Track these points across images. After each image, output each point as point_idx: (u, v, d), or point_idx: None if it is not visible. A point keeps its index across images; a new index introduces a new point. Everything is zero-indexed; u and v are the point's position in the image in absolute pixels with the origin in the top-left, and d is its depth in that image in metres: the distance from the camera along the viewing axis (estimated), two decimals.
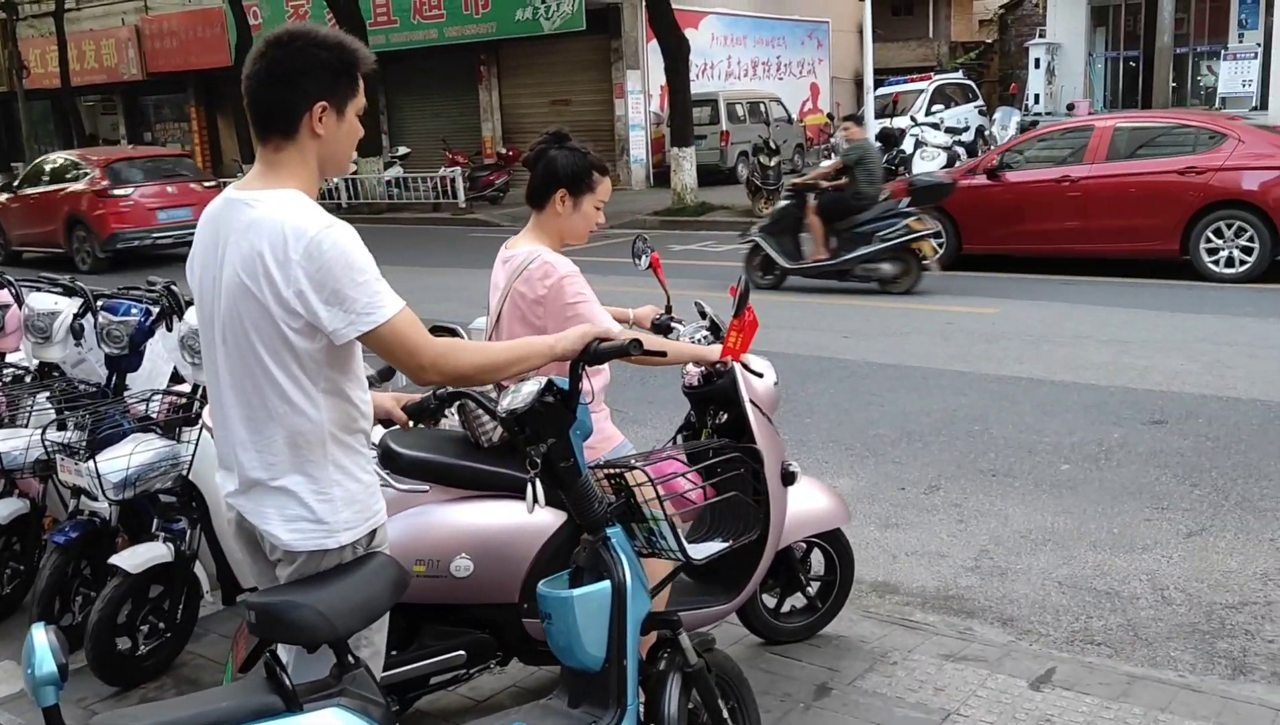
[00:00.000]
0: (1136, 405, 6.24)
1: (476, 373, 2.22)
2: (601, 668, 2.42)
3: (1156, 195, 9.80)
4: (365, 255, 2.06)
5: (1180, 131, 10.25)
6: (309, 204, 2.10)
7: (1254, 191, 9.40)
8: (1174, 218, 9.72)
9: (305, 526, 2.17)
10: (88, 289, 4.24)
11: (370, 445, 2.57)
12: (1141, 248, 10.07)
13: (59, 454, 3.45)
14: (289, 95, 2.10)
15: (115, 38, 29.36)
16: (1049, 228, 10.39)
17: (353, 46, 2.15)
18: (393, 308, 2.06)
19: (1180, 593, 4.02)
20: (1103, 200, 10.06)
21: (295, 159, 2.14)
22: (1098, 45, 23.99)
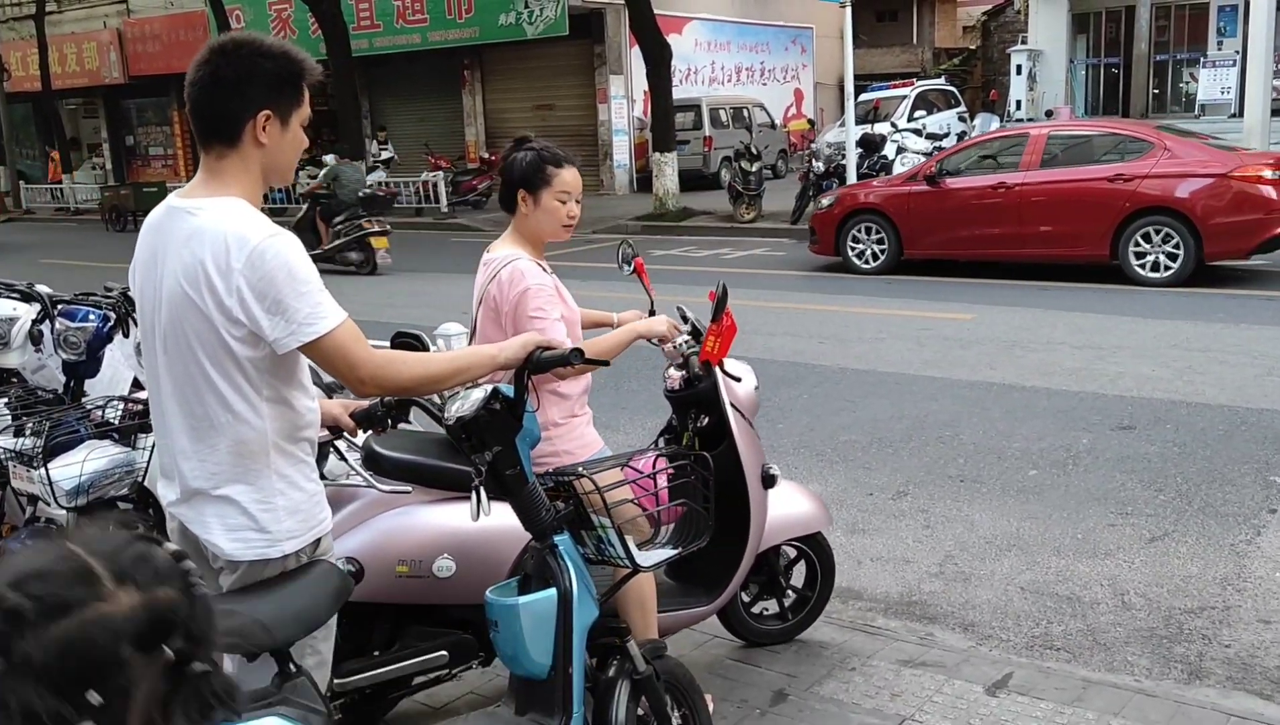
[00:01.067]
0: (1106, 411, 6.27)
1: (415, 385, 2.22)
2: (548, 675, 2.42)
3: (1087, 202, 10.08)
4: (308, 266, 2.07)
5: (1110, 140, 10.59)
6: (252, 212, 2.09)
7: (1180, 199, 9.69)
8: (1103, 224, 9.98)
9: (248, 535, 2.16)
10: (45, 294, 4.22)
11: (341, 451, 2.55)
12: (1073, 253, 10.33)
13: (11, 460, 3.42)
14: (233, 103, 2.09)
15: (97, 41, 29.21)
16: (986, 233, 10.68)
17: (298, 57, 2.15)
18: (334, 320, 2.05)
19: (1140, 598, 4.04)
20: (1036, 206, 10.31)
21: (238, 166, 2.13)
22: (1079, 52, 24.15)
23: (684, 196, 17.68)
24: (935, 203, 10.94)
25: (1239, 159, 9.93)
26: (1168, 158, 9.83)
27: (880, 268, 11.29)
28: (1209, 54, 21.24)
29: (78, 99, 31.45)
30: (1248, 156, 10.14)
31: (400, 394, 2.28)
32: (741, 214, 15.95)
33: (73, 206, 26.47)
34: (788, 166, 23.67)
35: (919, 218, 11.02)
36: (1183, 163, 9.80)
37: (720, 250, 14.20)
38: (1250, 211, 9.51)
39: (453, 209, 19.72)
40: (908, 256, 11.25)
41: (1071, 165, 10.44)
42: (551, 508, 2.43)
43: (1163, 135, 10.24)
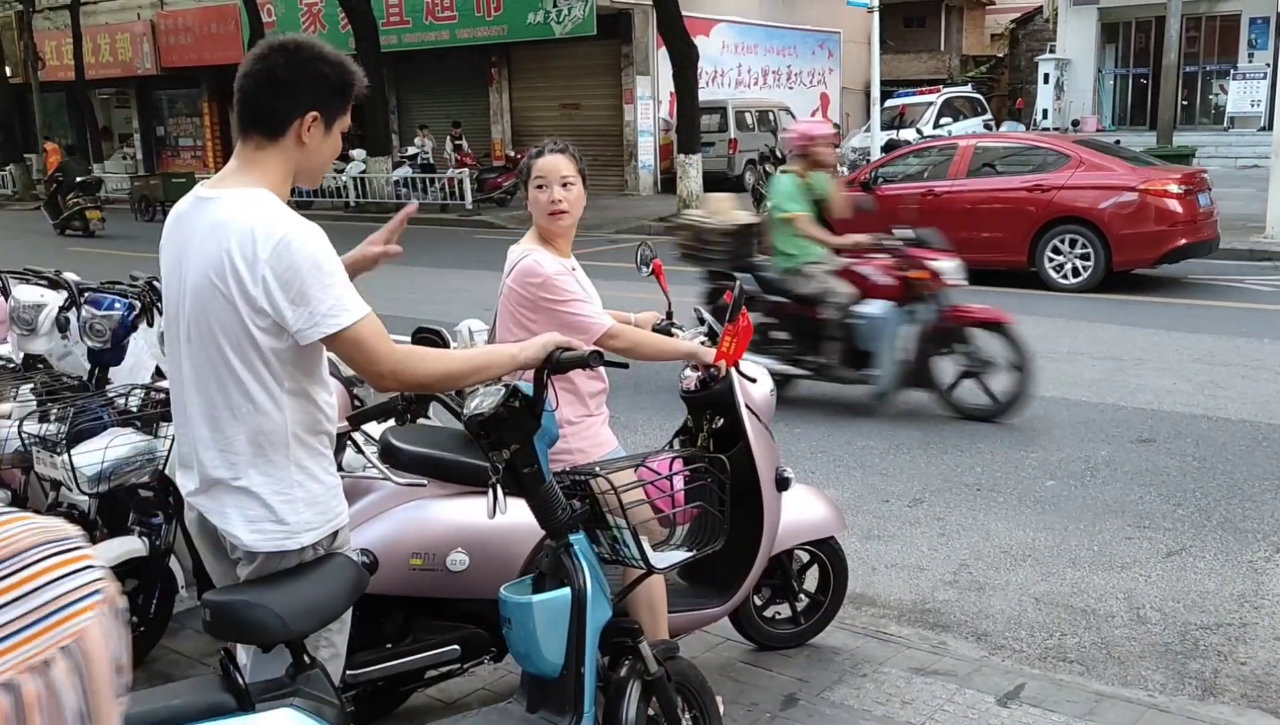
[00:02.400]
0: (1126, 423, 6.24)
1: (434, 381, 2.24)
2: (559, 674, 2.43)
3: (1008, 210, 10.58)
4: (333, 259, 2.08)
5: (1030, 151, 11.16)
6: (277, 204, 2.11)
7: (1090, 208, 10.16)
8: (1022, 231, 10.46)
9: (266, 527, 2.17)
10: (72, 282, 4.27)
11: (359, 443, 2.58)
12: (995, 258, 10.61)
13: (35, 446, 3.47)
14: (284, 100, 2.13)
15: (130, 32, 29.52)
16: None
17: (353, 69, 2.21)
18: (357, 313, 2.06)
19: (1156, 612, 4.01)
20: (962, 213, 10.66)
21: (274, 160, 2.16)
22: (1107, 62, 23.98)
23: (707, 198, 17.67)
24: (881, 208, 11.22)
25: (1149, 174, 10.37)
26: (1083, 170, 10.31)
27: None
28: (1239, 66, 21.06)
29: (110, 89, 31.81)
30: (1157, 172, 10.56)
31: (419, 389, 2.31)
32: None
33: (102, 196, 26.72)
34: None
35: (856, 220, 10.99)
36: (1097, 176, 10.27)
37: None
38: (1157, 223, 9.98)
39: (478, 206, 19.79)
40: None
41: (995, 175, 10.97)
42: (568, 507, 2.44)
43: (1080, 149, 10.72)
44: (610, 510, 2.46)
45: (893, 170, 11.67)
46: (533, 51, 23.22)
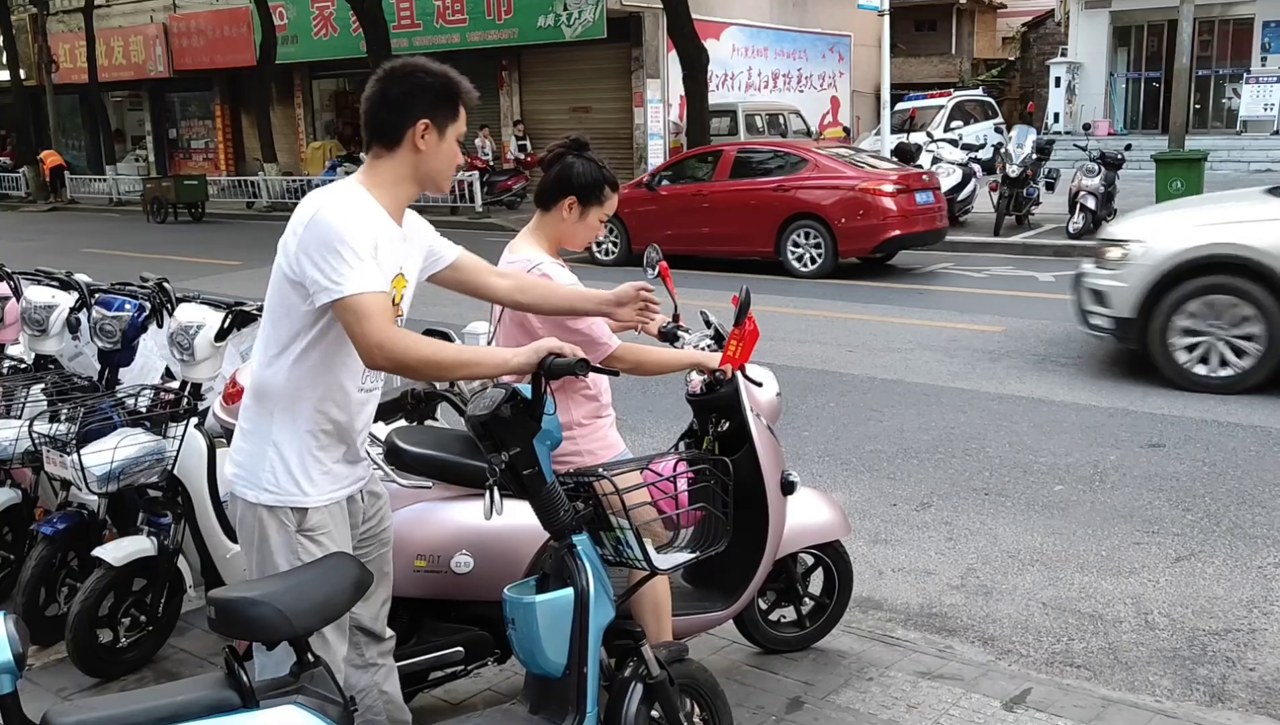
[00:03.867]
0: (1135, 428, 6.21)
1: (420, 366, 2.28)
2: (562, 674, 2.44)
3: (758, 207, 12.24)
4: (359, 234, 2.23)
5: (778, 156, 12.85)
6: (345, 188, 2.34)
7: (821, 206, 11.84)
8: (769, 226, 12.10)
9: (238, 468, 2.41)
10: (84, 283, 4.30)
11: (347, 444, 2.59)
12: (748, 250, 12.38)
13: (46, 446, 3.49)
14: (397, 114, 2.36)
15: (143, 35, 29.64)
16: (689, 232, 12.72)
17: (456, 78, 2.42)
18: (360, 286, 2.19)
19: (1164, 617, 4.00)
20: (723, 210, 12.45)
21: (388, 166, 2.38)
22: (1119, 65, 23.91)
23: None
24: (654, 206, 13.11)
25: (869, 175, 11.99)
26: (818, 172, 12.06)
27: (615, 261, 13.32)
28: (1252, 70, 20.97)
29: (123, 92, 31.93)
30: (874, 174, 12.11)
31: (403, 372, 2.35)
32: None
33: (114, 197, 26.89)
34: None
35: (640, 219, 13.04)
36: (828, 176, 12.02)
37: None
38: (872, 218, 11.66)
39: (487, 209, 19.82)
40: (635, 251, 13.00)
41: (749, 177, 12.61)
42: (571, 508, 2.44)
43: (817, 154, 12.52)
44: (614, 512, 2.47)
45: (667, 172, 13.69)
46: (543, 55, 23.24)
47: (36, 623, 3.59)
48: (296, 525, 2.35)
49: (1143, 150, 17.16)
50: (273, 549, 2.36)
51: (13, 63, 29.11)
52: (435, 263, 2.59)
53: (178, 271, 8.04)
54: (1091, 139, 16.93)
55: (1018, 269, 12.26)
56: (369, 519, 2.59)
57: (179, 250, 16.92)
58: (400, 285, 2.41)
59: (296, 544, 2.36)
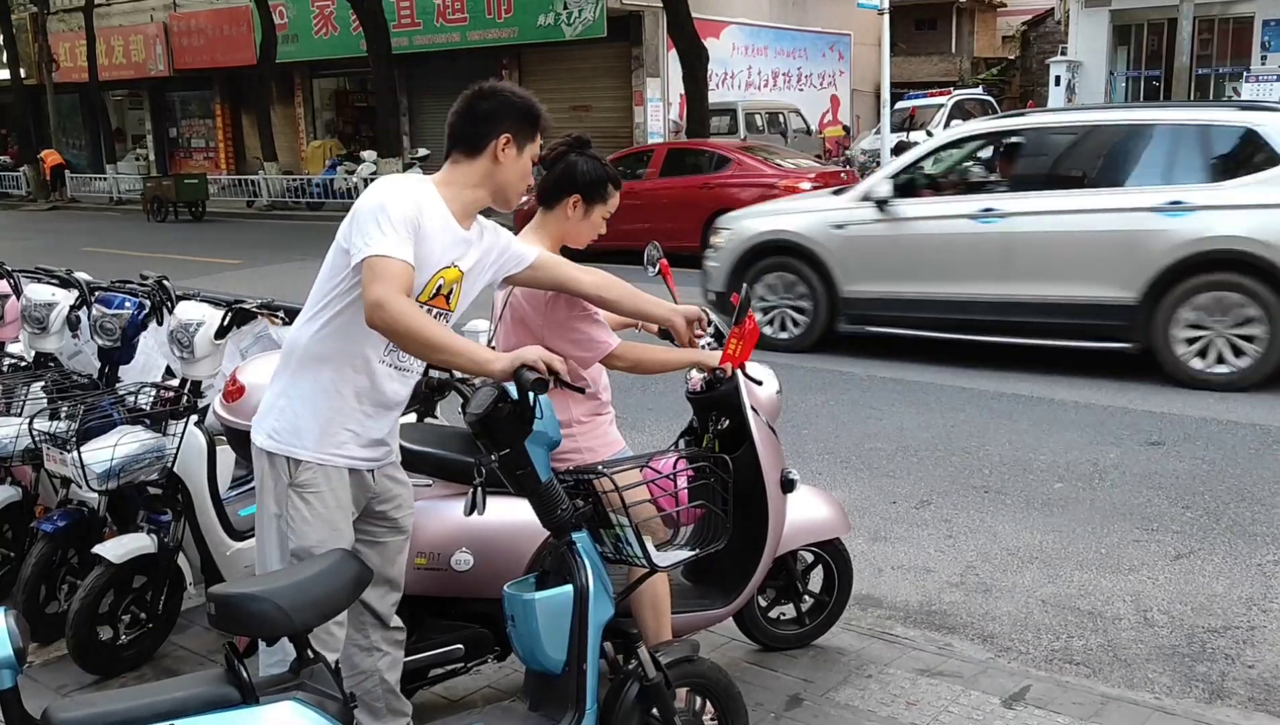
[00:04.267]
0: (1135, 426, 6.22)
1: (406, 335, 2.33)
2: (561, 671, 2.44)
3: (685, 203, 13.10)
4: (400, 209, 2.36)
5: (704, 155, 13.88)
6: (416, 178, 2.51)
7: (741, 201, 12.08)
8: (695, 221, 12.52)
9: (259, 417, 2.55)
10: (84, 281, 4.30)
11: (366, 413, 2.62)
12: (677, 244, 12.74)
13: (46, 443, 3.50)
14: (483, 126, 2.53)
15: (144, 34, 29.65)
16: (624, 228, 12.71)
17: (538, 105, 2.60)
18: (382, 249, 2.31)
19: (1164, 615, 4.00)
20: (655, 206, 13.10)
21: (464, 170, 2.54)
22: (1119, 64, 23.89)
23: None
24: None
25: (788, 173, 13.09)
26: (740, 170, 13.14)
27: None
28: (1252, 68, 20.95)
29: (124, 91, 31.96)
30: (793, 172, 13.24)
31: (393, 338, 2.41)
32: None
33: (115, 196, 26.90)
34: None
35: None
36: (749, 175, 13.12)
37: None
38: None
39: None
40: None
41: (679, 175, 13.64)
42: (570, 505, 2.45)
43: (740, 153, 13.59)
44: (613, 509, 2.47)
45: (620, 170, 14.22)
46: (543, 53, 23.25)
47: (37, 620, 3.59)
48: (290, 477, 2.45)
49: None
50: (268, 496, 2.50)
51: (13, 62, 29.12)
52: (514, 264, 2.71)
53: (178, 270, 8.04)
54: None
55: None
56: (384, 501, 2.64)
57: (179, 249, 16.93)
58: (450, 277, 2.50)
59: (287, 496, 2.46)
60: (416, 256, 2.37)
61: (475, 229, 2.58)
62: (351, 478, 2.53)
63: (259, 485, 2.53)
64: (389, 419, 2.59)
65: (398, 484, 2.69)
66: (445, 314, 2.56)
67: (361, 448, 2.52)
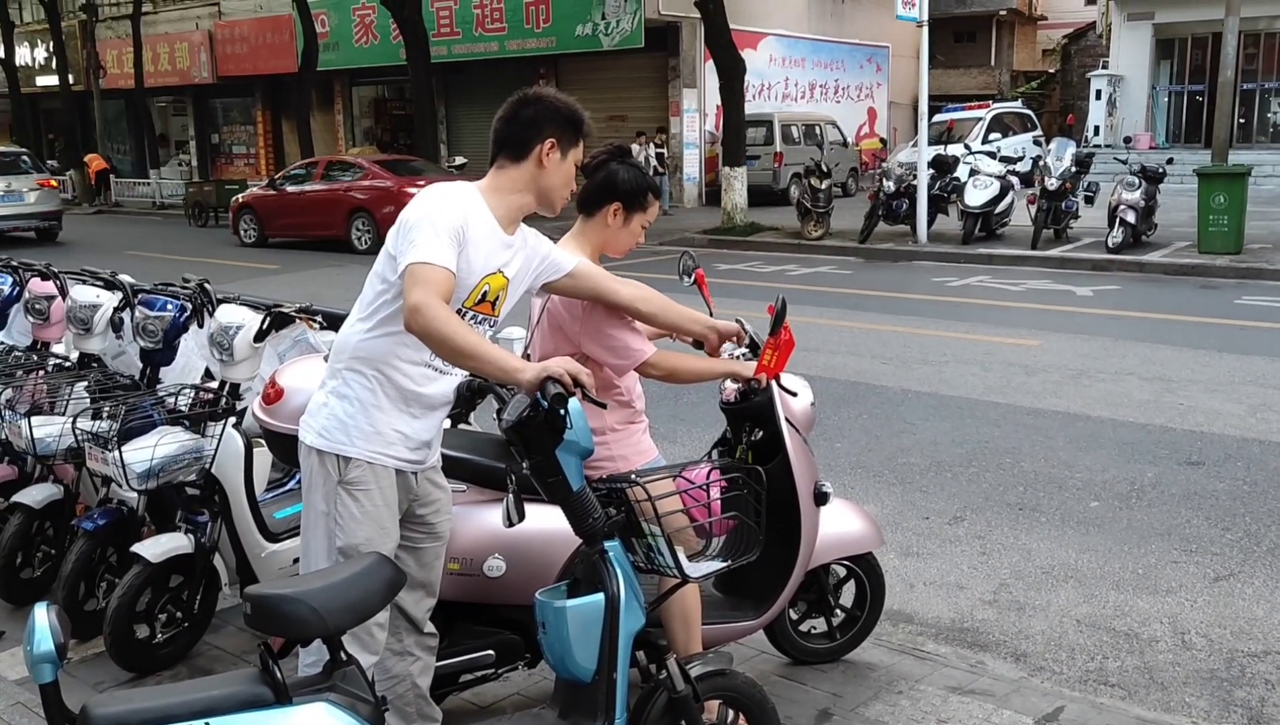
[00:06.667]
0: (1174, 445, 6.13)
1: (439, 340, 2.36)
2: (591, 679, 2.44)
3: (334, 202, 17.39)
4: (444, 216, 2.42)
5: (350, 166, 18.56)
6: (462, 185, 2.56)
7: (367, 202, 16.98)
8: (341, 216, 17.21)
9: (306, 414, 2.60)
10: (127, 283, 4.37)
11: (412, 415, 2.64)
12: (331, 234, 17.33)
13: (88, 442, 3.55)
14: (529, 131, 2.56)
15: (189, 41, 30.15)
16: (296, 221, 17.94)
17: (580, 109, 2.65)
18: (425, 257, 2.36)
19: (1202, 638, 3.94)
20: (315, 205, 17.63)
21: (509, 175, 2.57)
22: (1162, 78, 23.62)
23: (752, 212, 17.65)
24: (276, 202, 18.22)
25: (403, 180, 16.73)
26: (369, 178, 17.32)
27: (254, 243, 18.27)
28: None
29: (168, 97, 32.48)
30: (407, 180, 16.65)
31: (427, 342, 2.42)
32: (809, 231, 15.88)
33: (157, 201, 27.32)
34: (858, 185, 23.50)
35: (267, 210, 18.28)
36: (375, 180, 17.19)
37: (786, 266, 14.16)
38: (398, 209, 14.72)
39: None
40: (269, 237, 18.21)
41: (331, 182, 17.90)
42: (603, 514, 2.45)
43: (373, 165, 17.91)
44: (646, 518, 2.47)
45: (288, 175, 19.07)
46: (581, 63, 23.36)
47: (76, 617, 3.65)
48: (339, 475, 2.49)
49: (1185, 164, 16.90)
50: (318, 494, 2.52)
51: (62, 68, 29.70)
52: (553, 272, 2.75)
53: (218, 274, 8.15)
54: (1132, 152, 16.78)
55: (1055, 283, 12.14)
56: (424, 505, 2.67)
57: (219, 253, 17.17)
58: (496, 283, 2.55)
59: (336, 493, 2.49)
60: (462, 263, 2.42)
61: (519, 236, 2.60)
62: (398, 479, 2.57)
63: (306, 484, 2.57)
64: (435, 420, 2.62)
65: (438, 488, 2.72)
66: (490, 320, 2.59)
67: (410, 450, 2.58)
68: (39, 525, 4.11)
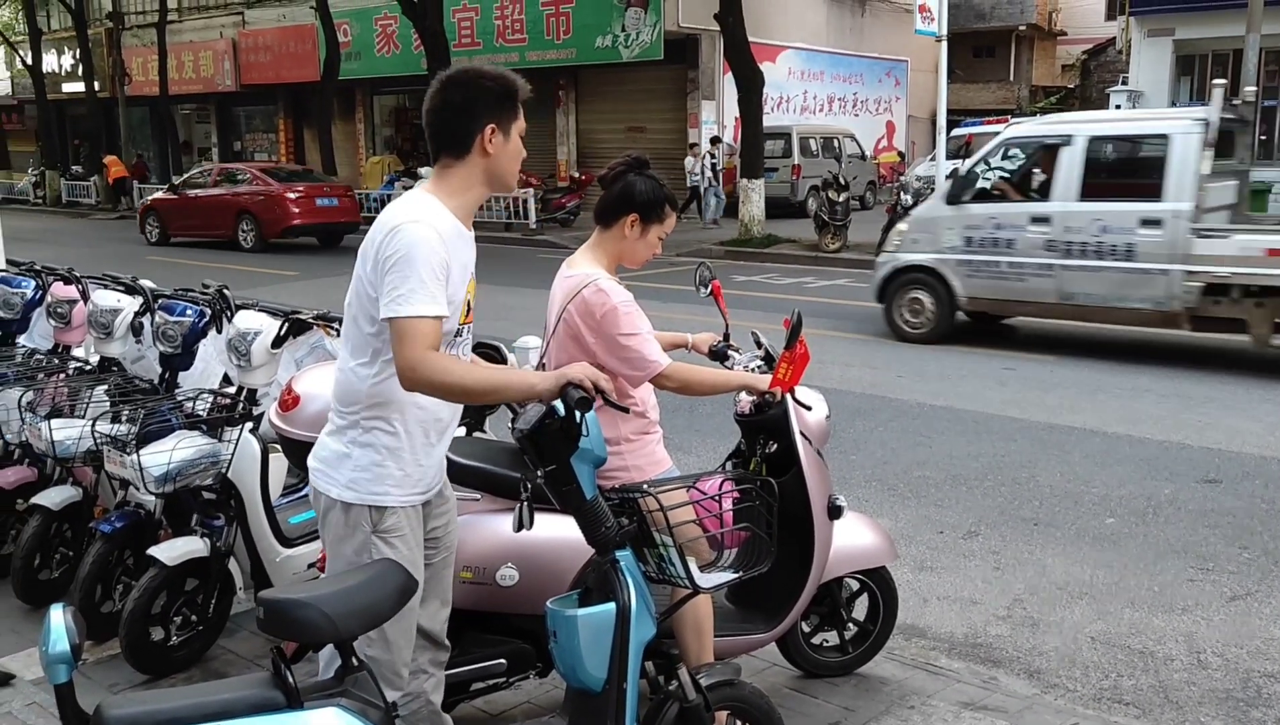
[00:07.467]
0: (1191, 462, 6.09)
1: (447, 391, 2.32)
2: (602, 689, 2.44)
3: (224, 206, 19.44)
4: (428, 256, 2.28)
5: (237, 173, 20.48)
6: (421, 203, 2.38)
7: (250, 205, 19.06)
8: (228, 217, 19.31)
9: (321, 464, 2.47)
10: (148, 288, 4.41)
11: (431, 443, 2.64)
12: (221, 234, 19.33)
13: (107, 445, 3.59)
14: (463, 121, 2.40)
15: (213, 49, 30.42)
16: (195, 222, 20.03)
17: (512, 77, 2.47)
18: (412, 310, 2.25)
19: (1218, 657, 3.91)
20: (209, 208, 19.71)
21: (459, 176, 2.44)
22: (1182, 94, 23.49)
23: (770, 224, 17.66)
24: (177, 205, 20.29)
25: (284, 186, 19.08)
26: (253, 184, 19.43)
27: (157, 242, 20.05)
28: None
29: (192, 104, 32.77)
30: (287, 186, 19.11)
31: (434, 394, 2.36)
32: (826, 244, 15.87)
33: None
34: (876, 198, 23.46)
35: (171, 212, 20.31)
36: (258, 185, 19.27)
37: (803, 279, 14.15)
38: (276, 212, 18.77)
39: (541, 226, 19.99)
40: (171, 236, 20.09)
41: (225, 187, 19.90)
42: (615, 523, 2.45)
43: (255, 171, 20.23)
44: (658, 529, 2.47)
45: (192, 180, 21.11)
46: (600, 74, 23.45)
47: (92, 618, 3.67)
48: (373, 526, 2.40)
49: None
50: (348, 546, 2.43)
51: (88, 75, 30.04)
52: None
53: (237, 280, 8.22)
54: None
55: None
56: (435, 520, 2.63)
57: (239, 260, 17.29)
58: (472, 287, 2.50)
59: (371, 544, 2.42)
60: (451, 290, 2.34)
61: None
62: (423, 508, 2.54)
63: (331, 534, 2.45)
64: (449, 438, 2.59)
65: (444, 501, 2.68)
66: (470, 327, 2.54)
67: (433, 478, 2.54)
68: (57, 527, 4.14)
